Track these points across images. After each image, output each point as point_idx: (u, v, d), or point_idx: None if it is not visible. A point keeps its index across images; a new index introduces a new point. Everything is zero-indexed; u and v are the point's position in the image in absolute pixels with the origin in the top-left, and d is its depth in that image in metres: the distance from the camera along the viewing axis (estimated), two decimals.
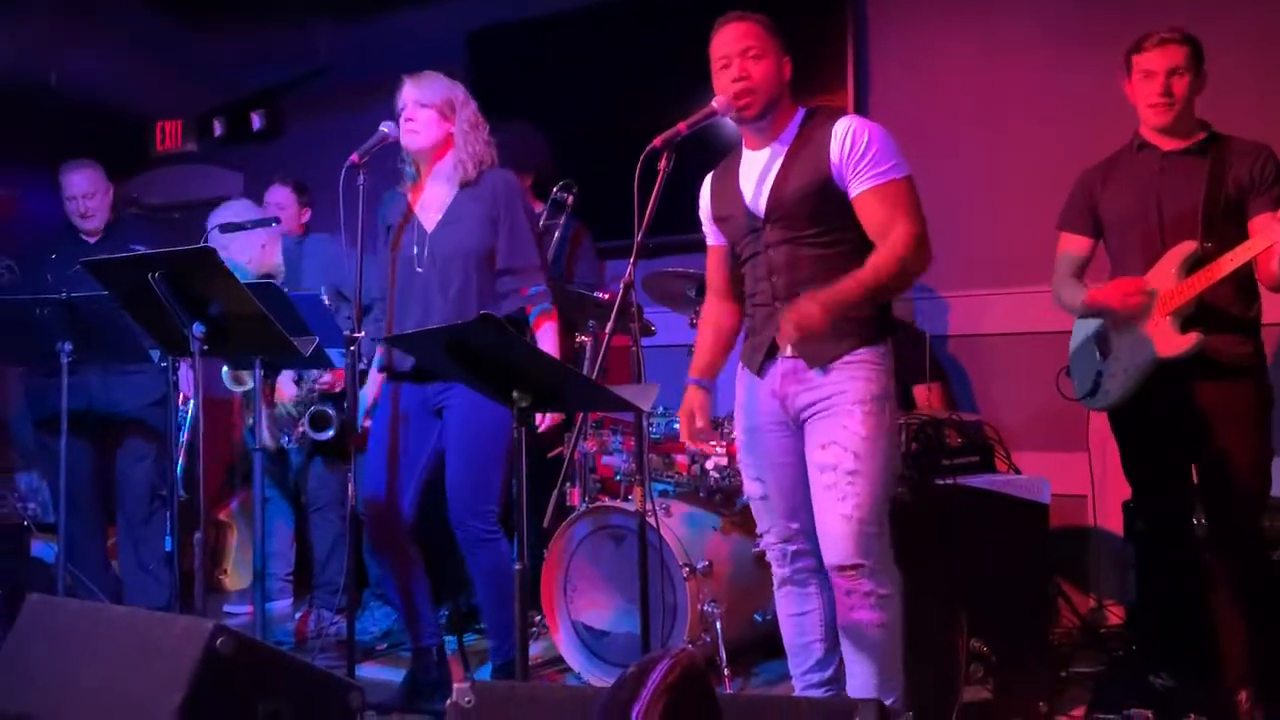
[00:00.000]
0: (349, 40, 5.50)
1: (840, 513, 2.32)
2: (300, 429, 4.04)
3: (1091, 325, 3.02)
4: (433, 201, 3.13)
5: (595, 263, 4.36)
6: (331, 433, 3.95)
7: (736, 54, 2.42)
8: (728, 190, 2.56)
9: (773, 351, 2.47)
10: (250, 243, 3.96)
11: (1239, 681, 2.81)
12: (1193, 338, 2.74)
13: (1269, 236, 2.62)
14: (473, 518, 3.05)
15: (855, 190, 2.37)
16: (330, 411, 3.94)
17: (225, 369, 3.96)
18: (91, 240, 4.22)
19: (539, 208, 4.22)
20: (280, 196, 4.41)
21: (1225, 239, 2.75)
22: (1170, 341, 2.78)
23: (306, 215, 4.51)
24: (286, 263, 4.11)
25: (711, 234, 2.67)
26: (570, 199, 4.13)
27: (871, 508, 2.32)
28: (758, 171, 2.49)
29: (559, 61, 5.02)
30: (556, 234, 4.12)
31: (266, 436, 4.07)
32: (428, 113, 3.05)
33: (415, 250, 3.09)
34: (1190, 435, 2.85)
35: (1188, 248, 2.78)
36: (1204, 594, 2.88)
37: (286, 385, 4.08)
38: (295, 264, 4.12)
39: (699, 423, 2.64)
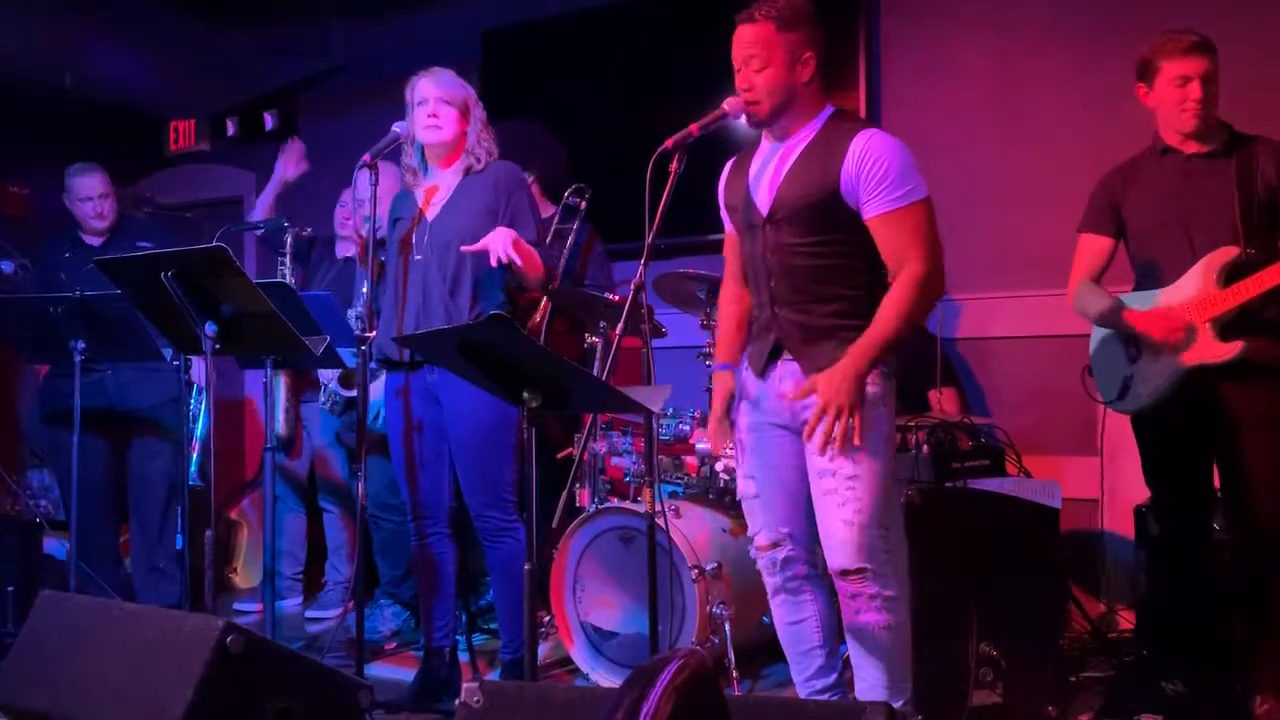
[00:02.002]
0: (363, 39, 5.52)
1: (841, 518, 2.31)
2: (329, 384, 4.04)
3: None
4: (438, 193, 3.14)
5: (606, 267, 4.37)
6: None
7: (741, 62, 2.39)
8: (739, 180, 2.53)
9: (775, 355, 2.46)
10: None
11: (1253, 688, 2.80)
12: (1237, 345, 2.72)
13: None
14: (490, 509, 3.08)
15: (871, 212, 2.33)
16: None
17: (337, 375, 3.96)
18: (97, 242, 4.21)
19: (550, 210, 4.23)
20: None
21: (1264, 242, 2.74)
22: (1211, 349, 2.75)
23: None
24: None
25: (726, 220, 2.63)
26: (583, 204, 4.14)
27: (873, 510, 2.31)
28: (768, 167, 2.46)
29: (574, 61, 5.03)
30: (570, 238, 4.12)
31: (281, 427, 4.09)
32: (451, 110, 3.07)
33: (415, 238, 3.11)
34: (1215, 439, 2.84)
35: (1229, 253, 2.75)
36: (1220, 599, 2.86)
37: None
38: None
39: (721, 415, 2.60)
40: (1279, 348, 2.78)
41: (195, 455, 4.10)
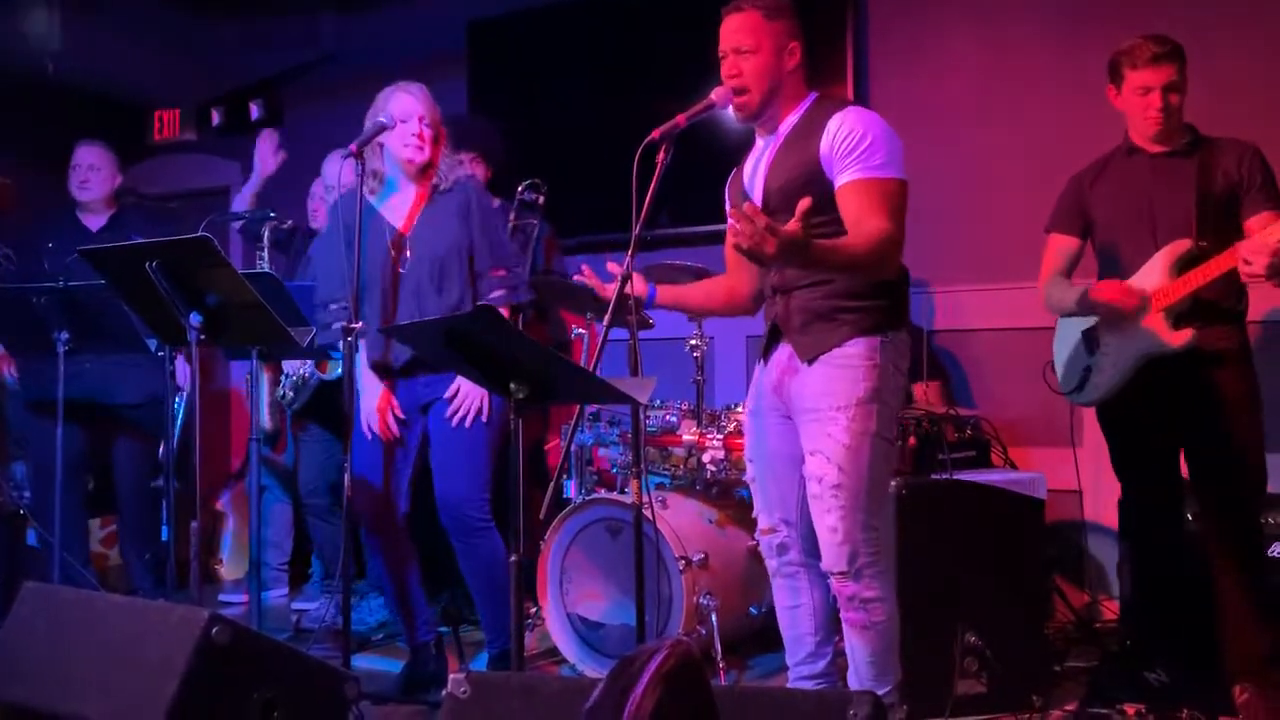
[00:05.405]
0: (349, 29, 5.49)
1: (826, 525, 2.34)
2: (303, 371, 4.01)
3: (1079, 322, 3.05)
4: (404, 205, 3.15)
5: (561, 260, 4.40)
6: (340, 372, 3.90)
7: (730, 50, 2.40)
8: (738, 178, 2.55)
9: (774, 340, 2.48)
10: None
11: (1234, 676, 2.83)
12: (1187, 334, 2.79)
13: (1239, 255, 2.63)
14: (468, 507, 3.06)
15: (841, 180, 2.29)
16: (335, 354, 3.89)
17: (311, 360, 3.94)
18: (94, 228, 4.24)
19: (495, 203, 4.25)
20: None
21: (1219, 236, 2.79)
22: (1165, 337, 2.81)
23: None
24: None
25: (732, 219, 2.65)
26: (540, 199, 4.11)
27: (856, 516, 2.32)
28: (761, 161, 2.48)
29: (560, 52, 5.01)
30: (534, 233, 4.10)
31: (266, 420, 4.06)
32: (430, 133, 3.11)
33: (393, 252, 3.10)
34: (1180, 427, 2.89)
35: (1182, 246, 2.82)
36: (1199, 588, 2.89)
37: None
38: None
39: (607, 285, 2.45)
40: (1233, 335, 2.86)
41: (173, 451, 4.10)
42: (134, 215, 4.38)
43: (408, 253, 3.10)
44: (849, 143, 2.29)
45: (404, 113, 3.07)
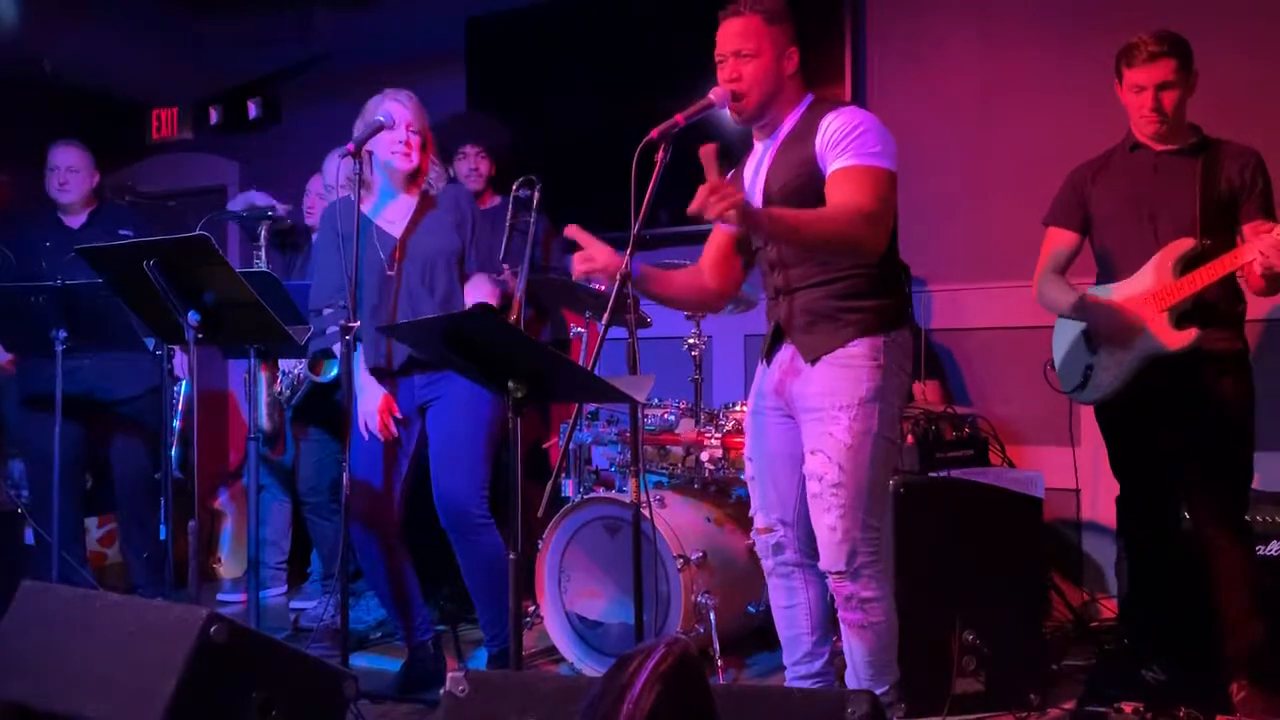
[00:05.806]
0: (347, 27, 5.48)
1: (826, 524, 2.34)
2: (297, 371, 4.00)
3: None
4: (396, 211, 3.17)
5: (562, 255, 4.41)
6: (335, 373, 3.89)
7: (729, 54, 2.40)
8: (736, 182, 2.55)
9: (777, 340, 2.48)
10: None
11: (1230, 674, 2.83)
12: (1191, 333, 2.77)
13: (1254, 249, 2.65)
14: (467, 504, 3.07)
15: (831, 167, 2.31)
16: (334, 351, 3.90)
17: (305, 361, 3.94)
18: (75, 226, 4.21)
19: (495, 200, 4.25)
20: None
21: (1221, 237, 2.80)
22: (1167, 337, 2.80)
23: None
24: None
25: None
26: (535, 194, 4.11)
27: (856, 515, 2.32)
28: (761, 165, 2.49)
29: (559, 49, 5.01)
30: (531, 230, 4.09)
31: (264, 420, 4.06)
32: (418, 139, 3.13)
33: (384, 254, 3.11)
34: (1178, 428, 2.89)
35: (1185, 244, 2.80)
36: (1196, 586, 2.90)
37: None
38: None
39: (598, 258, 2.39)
40: (1233, 339, 2.86)
41: (175, 447, 4.09)
42: (114, 210, 4.37)
43: (404, 256, 3.12)
44: (840, 132, 2.31)
45: (391, 120, 3.08)
